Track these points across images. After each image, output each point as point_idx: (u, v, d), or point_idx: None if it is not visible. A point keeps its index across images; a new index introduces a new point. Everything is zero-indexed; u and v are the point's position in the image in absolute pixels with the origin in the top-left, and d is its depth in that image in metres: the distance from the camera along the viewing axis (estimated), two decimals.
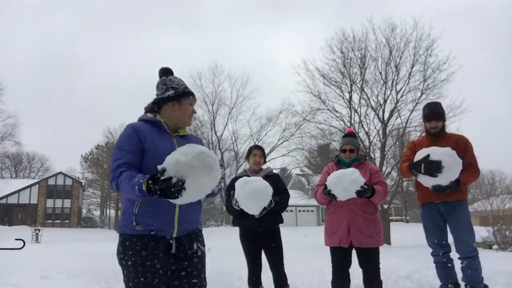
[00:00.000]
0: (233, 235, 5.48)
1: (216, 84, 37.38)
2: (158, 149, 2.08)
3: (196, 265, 2.12)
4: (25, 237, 8.09)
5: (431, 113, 3.88)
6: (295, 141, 32.94)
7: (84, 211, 46.96)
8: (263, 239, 3.79)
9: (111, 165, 2.05)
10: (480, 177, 3.93)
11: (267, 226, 3.75)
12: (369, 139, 17.12)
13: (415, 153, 3.76)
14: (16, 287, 5.14)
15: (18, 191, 39.37)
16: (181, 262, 2.10)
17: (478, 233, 5.08)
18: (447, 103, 15.44)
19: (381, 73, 17.25)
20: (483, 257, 3.77)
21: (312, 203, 35.95)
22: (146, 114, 2.25)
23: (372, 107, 17.29)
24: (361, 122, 17.23)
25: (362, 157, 3.67)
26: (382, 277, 3.44)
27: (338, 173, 3.32)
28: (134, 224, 2.02)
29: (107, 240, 19.05)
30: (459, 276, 3.78)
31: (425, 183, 3.68)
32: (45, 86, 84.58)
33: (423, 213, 3.94)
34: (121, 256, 2.05)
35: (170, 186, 1.77)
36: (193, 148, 1.91)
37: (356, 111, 17.43)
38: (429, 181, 3.61)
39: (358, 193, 3.21)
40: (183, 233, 2.13)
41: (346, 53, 17.79)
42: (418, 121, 16.12)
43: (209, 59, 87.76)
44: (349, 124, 17.16)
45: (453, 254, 3.78)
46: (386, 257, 4.01)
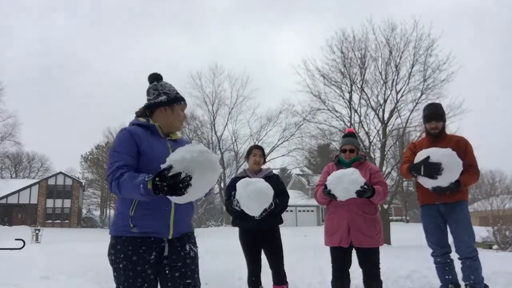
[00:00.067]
0: (233, 235, 5.48)
1: (216, 84, 37.39)
2: (154, 152, 2.11)
3: (189, 265, 2.13)
4: (25, 237, 8.10)
5: (431, 114, 3.88)
6: (295, 141, 32.95)
7: (84, 211, 46.96)
8: (263, 239, 3.79)
9: (108, 167, 2.04)
10: (480, 177, 3.93)
11: (267, 226, 3.75)
12: (369, 139, 17.11)
13: (415, 154, 3.76)
14: (16, 287, 5.15)
15: (18, 191, 39.37)
16: (174, 263, 2.11)
17: (478, 233, 5.07)
18: (447, 103, 15.46)
19: (381, 73, 17.24)
20: (483, 257, 3.77)
21: (312, 203, 35.95)
22: (137, 118, 2.26)
23: (372, 107, 17.29)
24: (361, 122, 17.22)
25: (362, 157, 3.67)
26: (382, 277, 3.44)
27: (338, 173, 3.32)
28: (131, 226, 2.02)
29: (107, 240, 18.61)
30: (459, 276, 3.78)
31: (425, 184, 3.68)
32: (45, 86, 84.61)
33: (423, 214, 3.94)
34: (112, 258, 2.07)
35: (178, 181, 1.79)
36: (195, 146, 1.95)
37: (356, 111, 17.43)
38: (429, 182, 3.61)
39: (358, 193, 3.21)
40: (178, 234, 2.15)
41: (346, 53, 17.77)
42: (418, 121, 16.12)
43: (209, 59, 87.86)
44: (349, 124, 17.15)
45: (453, 254, 3.79)
46: (386, 257, 4.01)
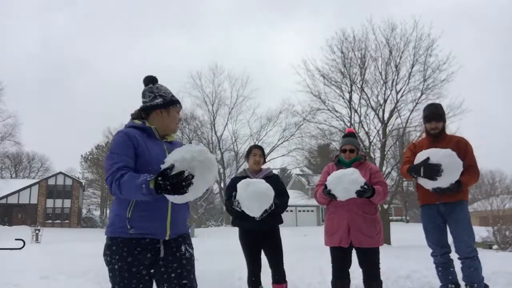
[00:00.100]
0: (233, 235, 5.48)
1: (216, 84, 37.46)
2: (151, 154, 2.13)
3: (185, 266, 2.14)
4: (25, 237, 8.10)
5: (431, 114, 3.88)
6: (295, 141, 33.00)
7: (84, 211, 46.96)
8: (263, 239, 3.79)
9: (107, 169, 2.04)
10: (480, 177, 3.93)
11: (267, 226, 3.75)
12: (369, 139, 17.11)
13: (416, 154, 3.76)
14: (16, 287, 5.14)
15: (18, 191, 39.35)
16: (170, 264, 2.12)
17: (478, 233, 5.07)
18: (447, 103, 15.46)
19: (381, 73, 17.24)
20: (483, 257, 3.77)
21: (312, 203, 35.95)
22: (133, 120, 2.28)
23: (372, 107, 17.29)
24: (361, 122, 17.22)
25: (362, 157, 3.67)
26: (382, 277, 3.44)
27: (338, 173, 3.32)
28: (128, 227, 2.03)
29: None
30: (459, 276, 3.78)
31: (426, 185, 3.68)
32: (45, 86, 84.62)
33: (423, 214, 3.94)
34: (108, 258, 2.09)
35: (181, 180, 1.82)
36: (194, 147, 1.98)
37: (356, 111, 17.43)
38: (430, 183, 3.61)
39: (358, 193, 3.21)
40: (174, 236, 2.16)
41: (346, 53, 17.77)
42: (418, 121, 16.12)
43: (209, 59, 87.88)
44: (349, 124, 17.15)
45: (453, 254, 3.79)
46: (386, 257, 4.01)
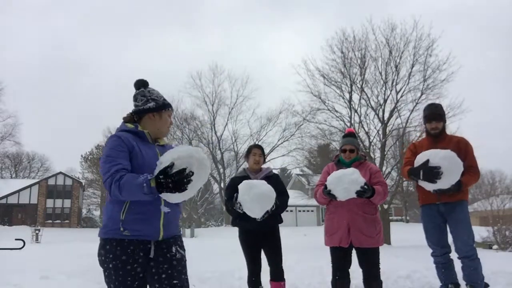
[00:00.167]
0: (233, 235, 5.48)
1: (216, 84, 37.45)
2: (144, 158, 2.15)
3: (175, 267, 2.16)
4: (25, 237, 8.10)
5: (431, 114, 3.88)
6: (295, 141, 33.01)
7: (84, 211, 46.95)
8: (263, 239, 3.79)
9: (105, 171, 2.05)
10: (480, 178, 3.93)
11: (267, 226, 3.75)
12: (369, 139, 17.13)
13: (416, 154, 3.75)
14: (16, 287, 5.14)
15: (18, 191, 39.33)
16: (160, 265, 2.14)
17: (478, 233, 5.08)
18: (447, 103, 15.50)
19: (381, 73, 17.27)
20: (483, 257, 3.77)
21: (312, 203, 35.93)
22: (125, 124, 2.30)
23: (372, 107, 17.30)
24: (361, 122, 17.25)
25: (362, 157, 3.66)
26: (382, 277, 3.44)
27: (338, 173, 3.32)
28: (121, 229, 2.07)
29: None
30: (459, 276, 3.78)
31: (426, 187, 3.68)
32: (45, 86, 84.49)
33: (423, 214, 3.94)
34: (102, 258, 2.12)
35: (183, 177, 1.89)
36: (187, 146, 2.05)
37: (356, 111, 17.45)
38: (430, 185, 3.61)
39: (358, 193, 3.21)
40: (167, 237, 2.19)
41: (346, 53, 17.82)
42: (418, 121, 16.16)
43: (209, 59, 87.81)
44: (349, 124, 17.17)
45: (453, 254, 3.79)
46: (386, 257, 4.01)
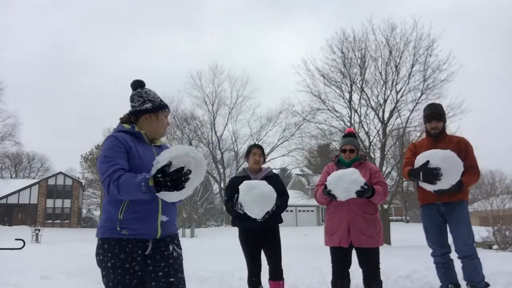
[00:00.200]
0: (233, 235, 5.48)
1: (216, 84, 37.46)
2: (142, 158, 2.18)
3: (172, 265, 2.18)
4: (25, 237, 8.09)
5: (431, 114, 3.88)
6: (295, 141, 33.01)
7: (84, 211, 46.95)
8: (263, 239, 3.79)
9: (103, 171, 2.07)
10: (480, 177, 3.94)
11: (267, 226, 3.74)
12: (369, 139, 17.13)
13: (416, 155, 3.75)
14: (16, 287, 5.14)
15: (18, 191, 39.33)
16: (157, 263, 2.16)
17: (478, 233, 5.08)
18: (447, 103, 15.49)
19: (381, 73, 17.27)
20: (483, 257, 3.77)
21: (312, 203, 35.92)
22: (122, 125, 2.31)
23: (372, 107, 17.30)
24: (361, 122, 17.24)
25: (362, 157, 3.66)
26: (382, 277, 3.44)
27: (338, 173, 3.32)
28: (118, 229, 2.09)
29: None
30: (459, 276, 3.78)
31: (427, 188, 3.68)
32: (45, 86, 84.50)
33: (423, 214, 3.93)
34: (100, 258, 2.13)
35: (181, 175, 1.91)
36: (183, 146, 2.08)
37: (356, 111, 17.45)
38: (430, 186, 3.61)
39: (358, 193, 3.21)
40: (165, 235, 2.22)
41: (346, 53, 17.81)
42: (418, 121, 16.16)
43: (209, 59, 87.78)
44: (349, 124, 17.17)
45: (453, 254, 3.79)
46: (386, 257, 4.01)
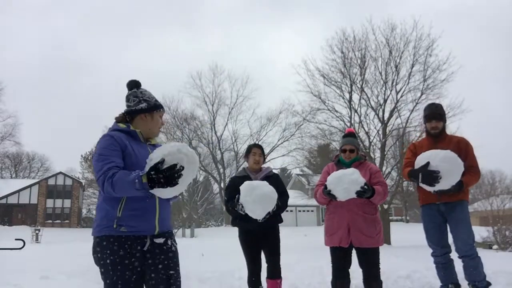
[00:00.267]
0: (233, 235, 5.48)
1: (216, 84, 37.52)
2: (137, 156, 2.22)
3: (172, 258, 2.24)
4: (25, 237, 8.08)
5: (431, 113, 3.88)
6: (295, 141, 33.03)
7: (84, 211, 46.94)
8: (263, 239, 3.79)
9: (98, 169, 2.10)
10: (480, 177, 3.94)
11: (267, 226, 3.74)
12: (369, 139, 17.13)
13: (416, 155, 3.75)
14: (16, 287, 5.14)
15: (18, 191, 39.31)
16: (157, 256, 2.21)
17: (478, 233, 5.07)
18: (447, 103, 15.49)
19: (381, 73, 17.27)
20: (483, 257, 3.76)
21: (312, 203, 35.93)
22: (118, 124, 2.35)
23: (372, 107, 17.30)
24: (361, 122, 17.25)
25: (362, 157, 3.66)
26: (382, 277, 3.44)
27: (338, 173, 3.32)
28: (115, 226, 2.12)
29: None
30: (459, 276, 3.78)
31: (427, 188, 3.68)
32: (45, 86, 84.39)
33: (424, 214, 3.93)
34: (98, 255, 2.15)
35: (174, 172, 1.94)
36: (175, 143, 2.12)
37: (356, 111, 17.45)
38: (430, 187, 3.61)
39: (358, 193, 3.21)
40: (162, 231, 2.26)
41: (346, 53, 17.81)
42: (418, 121, 16.16)
43: (209, 59, 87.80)
44: (349, 124, 17.17)
45: (453, 254, 3.79)
46: (386, 257, 4.01)
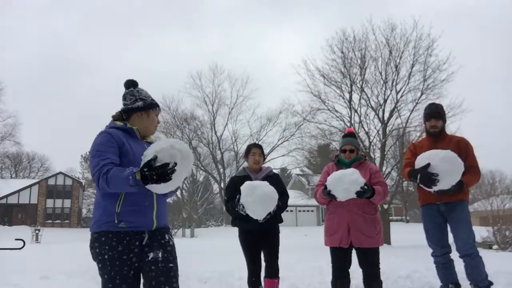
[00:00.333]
0: (233, 235, 5.48)
1: (216, 84, 37.50)
2: (134, 153, 2.26)
3: (170, 252, 2.28)
4: (25, 237, 8.08)
5: (431, 112, 3.89)
6: (295, 141, 33.00)
7: (84, 211, 46.91)
8: (263, 239, 3.79)
9: (93, 165, 2.14)
10: (480, 178, 3.93)
11: (267, 226, 3.74)
12: (369, 139, 17.13)
13: (416, 155, 3.75)
14: (16, 287, 5.14)
15: (18, 191, 39.32)
16: (156, 250, 2.23)
17: (478, 233, 5.07)
18: (447, 103, 15.50)
19: (381, 73, 17.28)
20: (483, 257, 3.76)
21: (312, 203, 35.93)
22: (114, 122, 2.39)
23: (372, 107, 17.31)
24: (361, 122, 17.25)
25: (362, 157, 3.66)
26: (382, 277, 3.44)
27: (338, 173, 3.32)
28: (116, 222, 2.15)
29: None
30: (460, 276, 3.78)
31: (427, 189, 3.68)
32: (45, 86, 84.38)
33: (424, 213, 3.93)
34: (97, 251, 2.18)
35: (167, 169, 1.97)
36: (168, 139, 2.16)
37: (356, 111, 17.46)
38: (430, 188, 3.61)
39: (358, 193, 3.21)
40: (160, 226, 2.31)
41: (346, 53, 17.82)
42: (418, 121, 16.17)
43: (209, 59, 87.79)
44: (349, 124, 17.17)
45: (454, 254, 3.78)
46: (386, 257, 4.01)
